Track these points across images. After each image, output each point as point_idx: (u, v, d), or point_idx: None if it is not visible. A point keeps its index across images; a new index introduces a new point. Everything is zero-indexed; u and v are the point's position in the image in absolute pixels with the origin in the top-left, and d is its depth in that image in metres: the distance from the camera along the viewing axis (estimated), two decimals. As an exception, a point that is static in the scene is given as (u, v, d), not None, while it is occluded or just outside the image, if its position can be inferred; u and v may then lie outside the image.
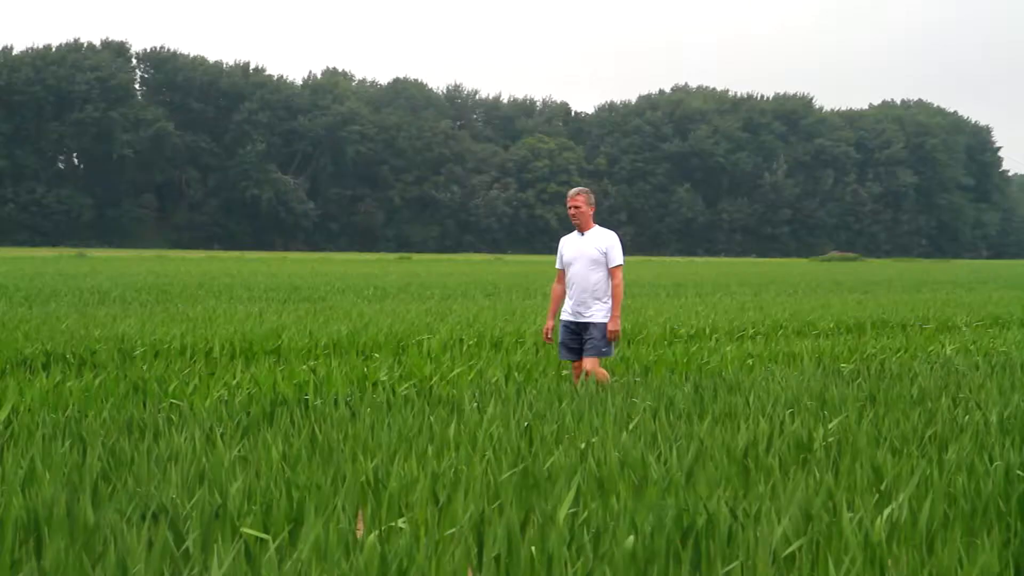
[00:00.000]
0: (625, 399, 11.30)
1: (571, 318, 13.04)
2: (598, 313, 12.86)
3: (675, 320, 22.60)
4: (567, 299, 13.14)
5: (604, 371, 12.98)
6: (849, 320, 24.08)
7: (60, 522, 6.22)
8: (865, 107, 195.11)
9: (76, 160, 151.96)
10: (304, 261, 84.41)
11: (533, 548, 5.92)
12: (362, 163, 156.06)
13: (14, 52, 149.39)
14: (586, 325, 12.91)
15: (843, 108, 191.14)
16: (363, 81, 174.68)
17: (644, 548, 6.01)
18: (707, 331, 20.95)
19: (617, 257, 12.95)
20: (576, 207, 12.99)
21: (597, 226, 13.12)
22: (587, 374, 12.59)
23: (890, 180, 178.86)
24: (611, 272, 12.92)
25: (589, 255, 12.91)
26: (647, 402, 10.85)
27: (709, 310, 26.63)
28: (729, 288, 43.13)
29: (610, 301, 12.90)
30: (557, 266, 13.38)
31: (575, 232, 13.19)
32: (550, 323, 13.45)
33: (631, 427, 9.55)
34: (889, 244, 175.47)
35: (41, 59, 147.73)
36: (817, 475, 7.69)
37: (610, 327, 12.81)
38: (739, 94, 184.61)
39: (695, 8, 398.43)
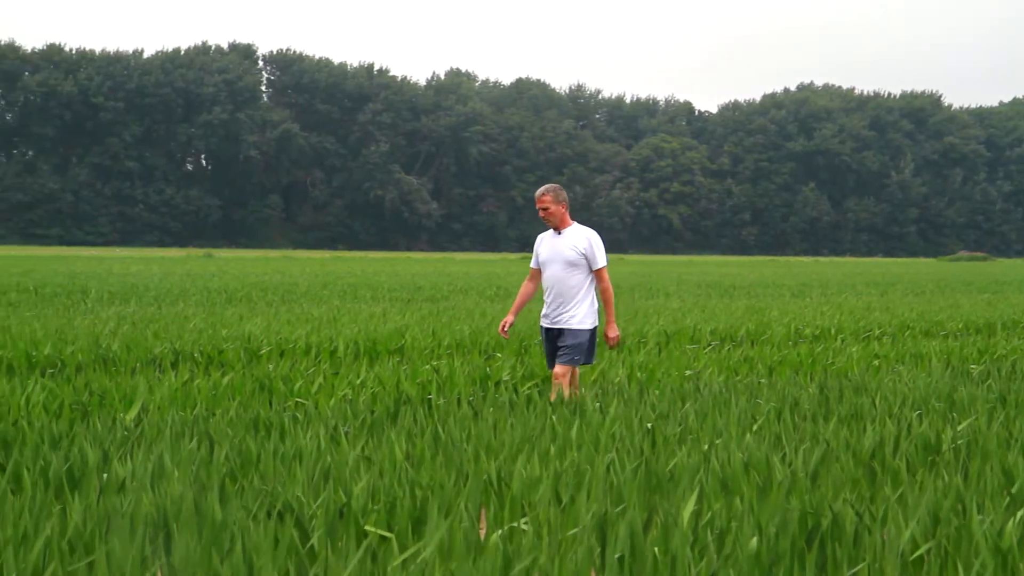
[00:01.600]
0: (749, 400, 11.21)
1: (547, 324, 11.84)
2: (574, 319, 11.61)
3: (800, 320, 22.38)
4: (545, 304, 11.90)
5: (575, 384, 11.77)
6: (979, 320, 23.65)
7: (188, 518, 6.30)
8: (995, 104, 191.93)
9: (204, 161, 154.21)
10: (427, 261, 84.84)
11: (656, 549, 5.89)
12: (485, 163, 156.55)
13: (144, 55, 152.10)
14: (561, 332, 11.66)
15: (973, 106, 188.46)
16: (486, 81, 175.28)
17: (768, 549, 5.95)
18: (832, 332, 20.72)
19: (600, 258, 11.70)
20: (544, 208, 11.73)
21: (576, 224, 11.84)
22: (555, 377, 11.53)
23: (1021, 178, 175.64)
24: (596, 275, 11.72)
25: (565, 256, 11.66)
26: (771, 403, 10.76)
27: (834, 310, 26.34)
28: (855, 288, 42.64)
29: (588, 306, 11.66)
30: (532, 265, 12.14)
31: (551, 231, 11.92)
32: (510, 318, 12.11)
33: (755, 428, 9.48)
34: (1020, 244, 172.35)
35: (170, 62, 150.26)
36: (945, 477, 7.57)
37: (610, 333, 11.73)
38: (866, 92, 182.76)
39: (821, 5, 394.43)
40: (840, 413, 10.33)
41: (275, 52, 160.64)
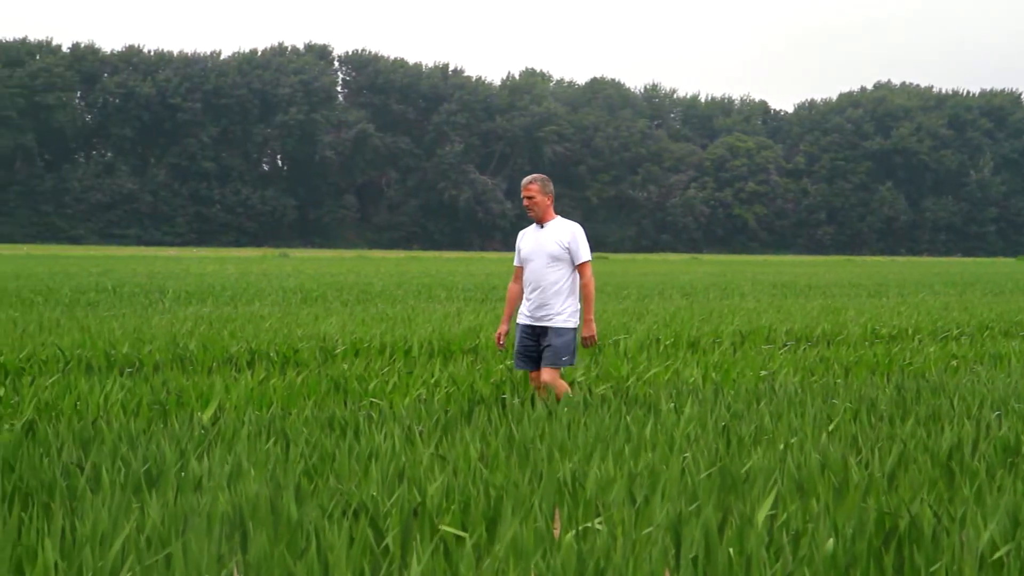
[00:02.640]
0: (825, 401, 11.15)
1: (528, 321, 11.43)
2: (558, 317, 11.25)
3: (876, 320, 22.22)
4: (524, 300, 11.56)
5: (564, 383, 11.47)
6: (1060, 321, 23.39)
7: (264, 517, 6.34)
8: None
9: (280, 162, 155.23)
10: (501, 261, 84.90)
11: (731, 550, 5.86)
12: (559, 163, 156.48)
13: (222, 56, 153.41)
14: (544, 330, 11.31)
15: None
16: (560, 81, 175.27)
17: (845, 551, 5.91)
18: (909, 332, 20.55)
19: (583, 252, 11.31)
20: (530, 197, 11.32)
21: (559, 217, 11.44)
22: (543, 388, 11.22)
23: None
24: (578, 270, 11.35)
25: (548, 250, 11.29)
26: (847, 404, 10.68)
27: (911, 310, 26.13)
28: (932, 288, 42.27)
29: (572, 303, 11.34)
30: (515, 263, 11.71)
31: (533, 225, 11.53)
32: (504, 327, 11.76)
33: (831, 429, 9.42)
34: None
35: (247, 63, 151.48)
36: (1026, 480, 7.49)
37: (585, 333, 11.32)
38: (944, 90, 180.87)
39: (899, 4, 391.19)
40: (917, 414, 10.25)
41: (351, 53, 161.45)
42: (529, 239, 11.49)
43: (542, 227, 11.40)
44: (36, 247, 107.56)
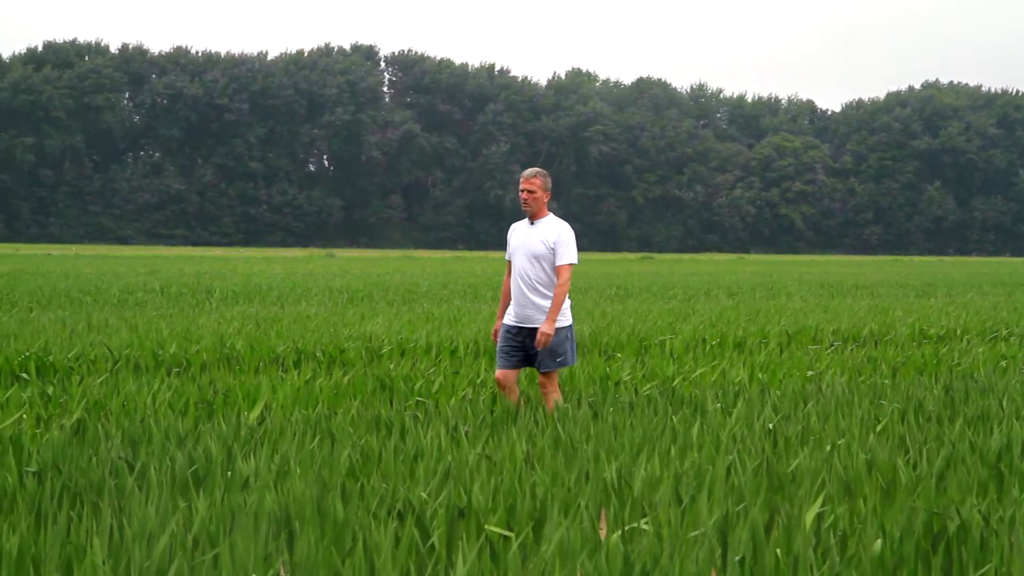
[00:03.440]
0: (872, 401, 11.09)
1: (513, 321, 10.98)
2: (543, 317, 10.77)
3: (924, 321, 22.09)
4: (513, 299, 11.07)
5: (558, 391, 11.02)
6: (1109, 321, 23.19)
7: (311, 517, 6.36)
8: None
9: (326, 162, 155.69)
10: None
11: (778, 551, 5.84)
12: (605, 163, 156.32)
13: (268, 57, 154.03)
14: (531, 332, 10.83)
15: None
16: (607, 81, 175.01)
17: (892, 552, 5.88)
18: (958, 332, 20.41)
19: (567, 255, 10.88)
20: (530, 191, 10.93)
21: (551, 215, 11.11)
22: (545, 396, 10.86)
23: None
24: (557, 270, 10.83)
25: (533, 248, 10.88)
26: (895, 404, 10.63)
27: (960, 310, 25.96)
28: (981, 288, 41.98)
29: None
30: (507, 257, 11.31)
31: (525, 220, 11.15)
32: (499, 323, 11.28)
33: (878, 429, 9.38)
34: None
35: (294, 64, 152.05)
36: (1076, 481, 7.43)
37: (542, 328, 10.61)
38: (993, 89, 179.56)
39: (947, 2, 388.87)
40: (966, 414, 10.18)
41: (397, 53, 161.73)
42: (519, 234, 11.19)
43: (533, 224, 11.05)
44: (85, 247, 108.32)
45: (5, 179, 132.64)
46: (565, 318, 10.87)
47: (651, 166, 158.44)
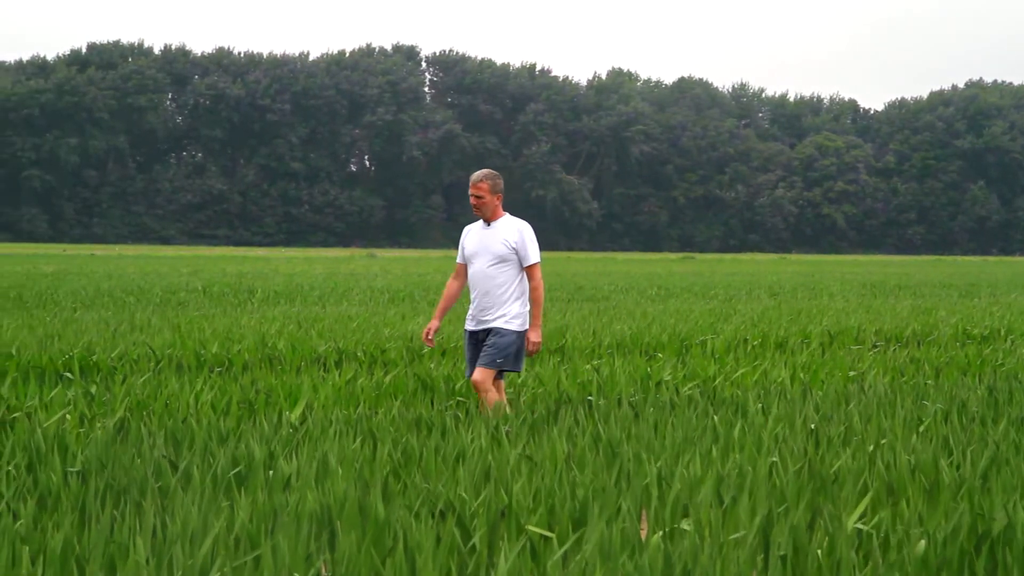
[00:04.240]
0: (915, 402, 11.04)
1: (472, 326, 10.71)
2: (501, 319, 10.48)
3: (968, 321, 21.96)
4: (471, 303, 10.77)
5: (495, 393, 10.50)
6: None
7: (352, 516, 6.38)
8: None
9: (367, 162, 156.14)
10: (588, 261, 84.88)
11: (820, 552, 5.82)
12: (646, 163, 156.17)
13: (310, 58, 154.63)
14: (487, 333, 10.54)
15: None
16: (648, 81, 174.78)
17: (936, 554, 5.85)
18: (1002, 332, 20.27)
19: (532, 253, 10.59)
20: (478, 196, 10.68)
21: (507, 215, 10.78)
22: (475, 386, 10.46)
23: None
24: (527, 272, 10.60)
25: (494, 250, 10.56)
26: (938, 405, 10.57)
27: (1004, 311, 25.79)
28: (1025, 288, 41.72)
29: (519, 307, 10.55)
30: (458, 260, 11.06)
31: (480, 222, 10.81)
32: (435, 323, 10.97)
33: (921, 430, 9.33)
34: None
35: (335, 64, 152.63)
36: (1121, 483, 7.37)
37: (532, 338, 10.48)
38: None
39: (990, 1, 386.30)
40: (1010, 415, 10.11)
41: (438, 53, 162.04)
42: (474, 237, 10.83)
43: (489, 225, 10.71)
44: (128, 247, 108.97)
45: (50, 180, 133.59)
46: (518, 323, 10.54)
47: (692, 166, 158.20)
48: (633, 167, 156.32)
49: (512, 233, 10.59)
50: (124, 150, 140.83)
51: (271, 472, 7.57)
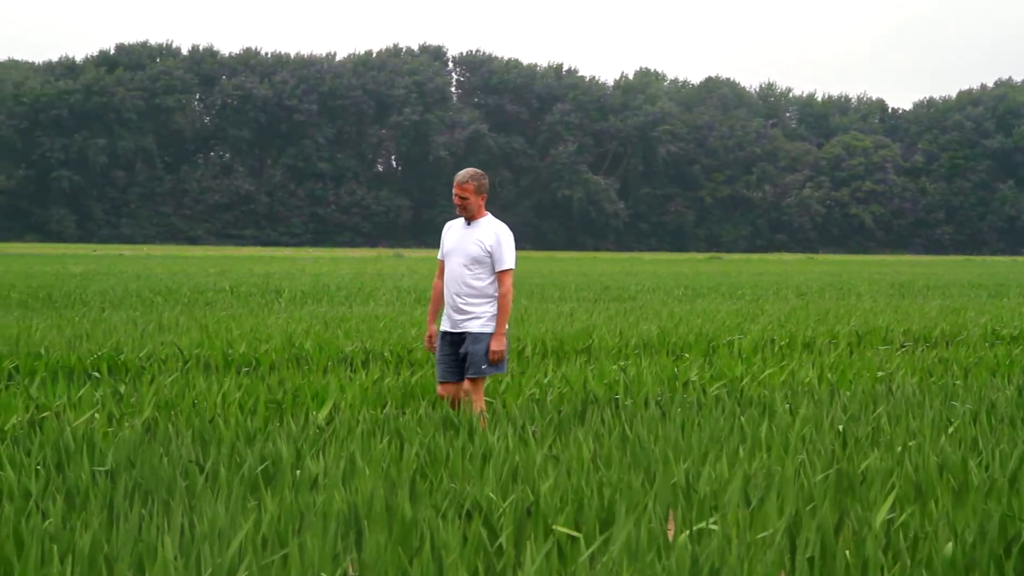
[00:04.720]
0: (944, 402, 11.00)
1: (447, 327, 10.62)
2: (476, 322, 10.38)
3: (997, 321, 21.87)
4: (445, 303, 10.71)
5: (482, 402, 10.48)
6: None
7: (379, 516, 6.39)
8: None
9: (394, 162, 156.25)
10: (614, 261, 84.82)
11: (848, 552, 5.81)
12: (673, 163, 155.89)
13: (337, 58, 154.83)
14: (463, 337, 10.44)
15: None
16: (675, 81, 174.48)
17: (964, 556, 5.83)
18: (1031, 332, 20.21)
19: (506, 259, 10.39)
20: (463, 197, 10.36)
21: (490, 216, 10.54)
22: (465, 393, 10.35)
23: None
24: (498, 277, 10.42)
25: (468, 250, 10.40)
26: (967, 405, 10.54)
27: (1033, 311, 25.70)
28: (1054, 288, 41.52)
29: (492, 308, 10.42)
30: (439, 256, 10.85)
31: (461, 219, 10.57)
32: (431, 328, 11.02)
33: (950, 431, 9.30)
34: None
35: (362, 64, 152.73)
36: None
37: (493, 346, 10.28)
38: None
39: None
40: (1039, 416, 10.08)
41: (464, 53, 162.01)
42: (454, 234, 10.66)
43: (469, 224, 10.50)
44: (156, 247, 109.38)
45: (78, 180, 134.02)
46: (492, 326, 10.44)
47: (719, 166, 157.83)
48: (660, 167, 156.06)
49: (489, 236, 10.41)
50: (152, 150, 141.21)
51: (298, 472, 7.58)
